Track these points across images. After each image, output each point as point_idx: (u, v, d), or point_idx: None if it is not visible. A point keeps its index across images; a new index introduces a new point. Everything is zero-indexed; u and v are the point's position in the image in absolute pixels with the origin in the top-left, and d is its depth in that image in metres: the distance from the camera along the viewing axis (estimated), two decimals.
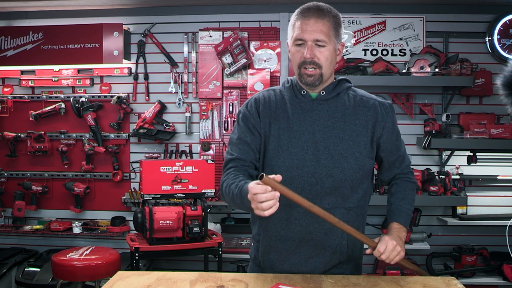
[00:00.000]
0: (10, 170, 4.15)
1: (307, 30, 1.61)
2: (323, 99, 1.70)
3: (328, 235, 1.66)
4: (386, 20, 3.88)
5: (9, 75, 4.12)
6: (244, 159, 1.71)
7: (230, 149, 1.76)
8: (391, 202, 1.79)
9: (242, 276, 1.62)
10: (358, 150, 1.67)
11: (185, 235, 3.24)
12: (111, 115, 4.05)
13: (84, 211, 4.11)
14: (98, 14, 3.99)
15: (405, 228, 1.72)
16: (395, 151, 1.78)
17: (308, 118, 1.68)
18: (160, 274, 1.64)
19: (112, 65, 3.97)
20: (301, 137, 1.67)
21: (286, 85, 1.77)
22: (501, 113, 3.72)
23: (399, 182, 1.83)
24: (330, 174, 1.65)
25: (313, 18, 1.61)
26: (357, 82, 3.68)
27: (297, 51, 1.65)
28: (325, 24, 1.62)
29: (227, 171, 1.71)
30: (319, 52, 1.63)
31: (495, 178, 3.78)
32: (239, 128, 1.76)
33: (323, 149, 1.66)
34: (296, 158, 1.66)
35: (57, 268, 3.14)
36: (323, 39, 1.61)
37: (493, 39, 3.78)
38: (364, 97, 1.74)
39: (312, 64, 1.63)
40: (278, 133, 1.69)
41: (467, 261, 3.58)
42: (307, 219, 1.67)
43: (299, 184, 1.66)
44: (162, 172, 3.31)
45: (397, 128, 1.78)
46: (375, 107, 1.71)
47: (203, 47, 3.96)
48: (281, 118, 1.70)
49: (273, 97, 1.75)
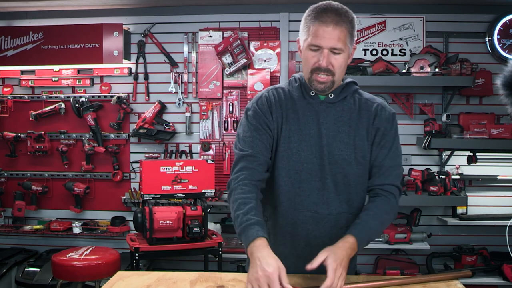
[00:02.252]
0: (10, 170, 4.15)
1: (324, 37, 1.54)
2: (331, 102, 1.67)
3: (333, 240, 1.63)
4: (386, 20, 3.88)
5: (9, 75, 4.12)
6: (258, 156, 1.64)
7: (242, 144, 1.68)
8: (359, 216, 1.62)
9: (242, 276, 1.62)
10: (362, 155, 1.66)
11: (185, 235, 3.24)
12: (111, 115, 4.05)
13: (84, 211, 4.11)
14: (98, 14, 3.99)
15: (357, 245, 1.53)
16: (382, 159, 1.67)
17: (316, 121, 1.66)
18: (160, 274, 1.64)
19: (112, 65, 3.97)
20: (310, 141, 1.65)
21: (295, 84, 1.72)
22: (501, 113, 3.72)
23: (377, 200, 1.66)
24: (334, 179, 1.65)
25: (332, 24, 1.54)
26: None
27: (312, 56, 1.58)
28: (342, 31, 1.55)
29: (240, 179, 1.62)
30: (334, 60, 1.57)
31: (495, 178, 3.78)
32: (251, 125, 1.68)
33: (327, 153, 1.64)
34: (305, 161, 1.65)
35: (57, 268, 3.14)
36: (340, 47, 1.56)
37: (493, 39, 3.78)
38: (369, 101, 1.70)
39: (326, 72, 1.59)
40: (289, 135, 1.66)
41: (467, 261, 3.58)
42: (313, 223, 1.67)
43: (308, 188, 1.66)
44: (162, 172, 3.31)
45: (395, 139, 1.70)
46: (376, 111, 1.68)
47: (203, 47, 3.96)
48: (291, 119, 1.67)
49: (282, 96, 1.70)
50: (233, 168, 1.68)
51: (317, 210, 1.67)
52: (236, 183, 1.62)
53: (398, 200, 1.70)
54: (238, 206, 1.56)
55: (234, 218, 1.56)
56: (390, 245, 3.63)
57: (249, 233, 1.48)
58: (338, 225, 1.68)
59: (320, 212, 1.67)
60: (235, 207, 1.57)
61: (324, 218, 1.67)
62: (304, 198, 1.67)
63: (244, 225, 1.51)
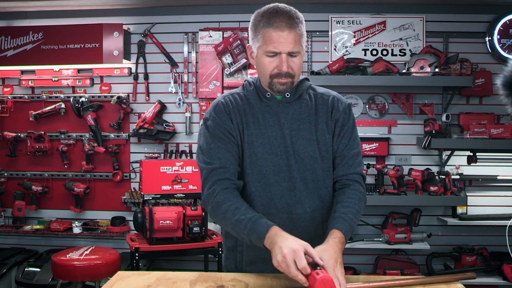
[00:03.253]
0: (10, 170, 4.15)
1: (280, 42, 1.54)
2: (288, 101, 1.67)
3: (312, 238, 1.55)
4: (386, 20, 3.88)
5: (9, 75, 4.12)
6: (227, 166, 1.61)
7: (207, 157, 1.63)
8: (334, 210, 1.61)
9: (242, 276, 1.62)
10: (325, 149, 1.67)
11: (185, 235, 3.24)
12: (111, 115, 4.05)
13: (84, 211, 4.11)
14: (98, 14, 3.99)
15: (344, 238, 1.53)
16: (342, 149, 1.69)
17: (276, 122, 1.66)
18: (160, 274, 1.64)
19: (112, 65, 3.97)
20: (273, 143, 1.64)
21: (249, 88, 1.70)
22: (501, 113, 3.72)
23: (346, 190, 1.67)
24: (303, 177, 1.65)
25: (286, 29, 1.53)
26: (357, 82, 3.72)
27: (269, 62, 1.58)
28: (297, 34, 1.55)
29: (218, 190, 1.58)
30: (292, 62, 1.57)
31: (495, 178, 3.78)
32: (212, 136, 1.64)
33: (293, 152, 1.64)
34: (272, 164, 1.64)
35: (57, 268, 3.14)
36: (297, 50, 1.56)
37: (493, 39, 3.78)
38: (325, 95, 1.72)
39: (287, 76, 1.58)
40: (252, 139, 1.65)
41: (467, 261, 3.58)
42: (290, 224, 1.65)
43: (278, 190, 1.65)
44: (162, 172, 3.31)
45: (353, 129, 1.72)
46: (332, 103, 1.69)
47: (203, 47, 3.96)
48: (251, 123, 1.66)
49: (239, 101, 1.68)
50: (204, 184, 1.63)
51: (292, 210, 1.66)
52: (217, 197, 1.58)
53: (364, 188, 1.71)
54: (233, 212, 1.54)
55: (235, 224, 1.53)
56: (390, 245, 3.63)
57: (260, 228, 1.47)
58: (314, 222, 1.68)
59: (295, 212, 1.66)
60: (229, 215, 1.54)
61: (300, 217, 1.67)
62: (277, 201, 1.66)
63: (251, 224, 1.49)
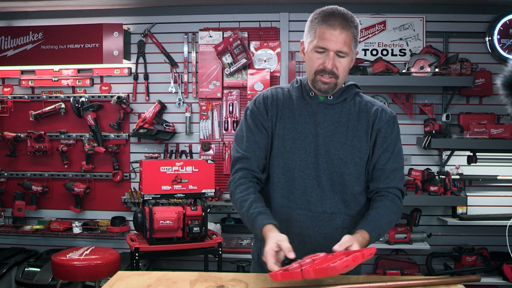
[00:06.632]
0: (10, 170, 4.15)
1: (331, 40, 1.58)
2: (330, 103, 1.69)
3: (327, 240, 1.64)
4: (386, 20, 3.88)
5: (9, 75, 4.12)
6: (251, 157, 1.71)
7: (237, 145, 1.76)
8: (368, 213, 1.64)
9: (242, 276, 1.62)
10: (359, 156, 1.67)
11: (185, 235, 3.24)
12: (111, 115, 4.05)
13: (84, 211, 4.11)
14: (98, 14, 3.99)
15: (368, 241, 1.57)
16: (384, 162, 1.68)
17: (312, 120, 1.68)
18: (160, 274, 1.64)
19: (112, 65, 3.97)
20: (305, 139, 1.67)
21: (295, 85, 1.75)
22: (501, 113, 3.72)
23: (384, 199, 1.67)
24: (329, 179, 1.66)
25: (339, 28, 1.57)
26: (357, 82, 3.71)
27: (317, 58, 1.61)
28: (348, 36, 1.59)
29: (237, 178, 1.71)
30: (338, 63, 1.60)
31: (495, 178, 3.78)
32: (247, 125, 1.74)
33: (323, 152, 1.66)
34: (299, 159, 1.67)
35: (57, 268, 3.14)
36: (346, 51, 1.59)
37: (493, 39, 3.78)
38: (369, 103, 1.72)
39: (331, 74, 1.61)
40: (283, 132, 1.69)
41: (467, 261, 3.58)
42: (307, 221, 1.67)
43: (301, 186, 1.67)
44: (162, 172, 3.31)
45: (396, 142, 1.71)
46: (376, 113, 1.69)
47: (203, 47, 3.96)
48: (286, 117, 1.70)
49: (281, 95, 1.74)
50: (231, 170, 1.78)
51: (311, 208, 1.68)
52: (234, 184, 1.72)
53: (402, 203, 1.71)
54: (240, 205, 1.66)
55: (242, 216, 1.67)
56: (390, 245, 3.63)
57: (256, 226, 1.58)
58: (333, 225, 1.68)
59: (314, 210, 1.67)
60: (238, 207, 1.68)
61: (318, 216, 1.68)
62: (298, 196, 1.68)
63: (250, 221, 1.61)
